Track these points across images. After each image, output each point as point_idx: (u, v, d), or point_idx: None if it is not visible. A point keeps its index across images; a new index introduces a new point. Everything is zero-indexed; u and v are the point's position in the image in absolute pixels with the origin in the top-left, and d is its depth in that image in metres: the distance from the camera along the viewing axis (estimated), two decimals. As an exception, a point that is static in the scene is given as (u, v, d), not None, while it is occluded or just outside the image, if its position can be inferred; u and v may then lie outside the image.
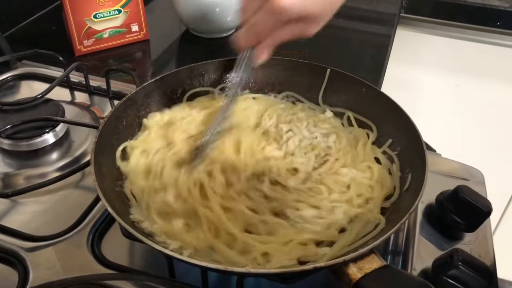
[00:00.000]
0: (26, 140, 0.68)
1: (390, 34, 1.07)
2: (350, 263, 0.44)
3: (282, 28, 0.53)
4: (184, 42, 1.03)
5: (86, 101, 0.81)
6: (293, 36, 0.54)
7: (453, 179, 0.67)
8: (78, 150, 0.70)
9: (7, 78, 0.83)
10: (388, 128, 0.63)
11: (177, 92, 0.67)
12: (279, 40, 0.54)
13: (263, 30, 0.53)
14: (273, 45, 0.56)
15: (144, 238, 0.45)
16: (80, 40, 0.92)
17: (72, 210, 0.60)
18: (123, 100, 0.61)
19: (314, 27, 0.53)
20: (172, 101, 0.67)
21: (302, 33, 0.53)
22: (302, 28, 0.53)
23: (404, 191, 0.55)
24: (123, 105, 0.61)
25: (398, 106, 0.62)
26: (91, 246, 0.57)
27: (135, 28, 0.97)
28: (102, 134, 0.56)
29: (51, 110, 0.72)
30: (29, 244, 0.56)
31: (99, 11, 0.91)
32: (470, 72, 1.35)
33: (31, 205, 0.62)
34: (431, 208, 0.63)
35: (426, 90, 1.38)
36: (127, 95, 0.62)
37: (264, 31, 0.53)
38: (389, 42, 1.04)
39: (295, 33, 0.53)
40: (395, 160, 0.60)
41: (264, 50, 0.56)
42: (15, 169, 0.67)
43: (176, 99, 0.68)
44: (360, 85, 0.66)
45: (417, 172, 0.54)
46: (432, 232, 0.60)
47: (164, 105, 0.67)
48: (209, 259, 0.49)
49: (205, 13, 0.95)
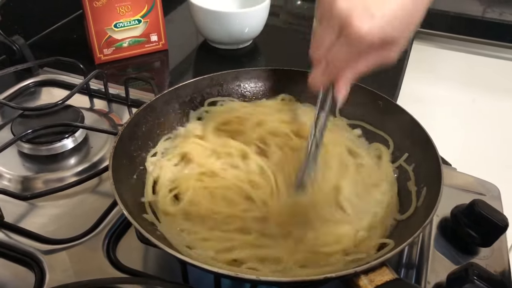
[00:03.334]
0: (46, 144, 0.69)
1: (406, 49, 1.07)
2: (362, 275, 0.44)
3: (362, 58, 0.47)
4: (201, 53, 1.04)
5: (105, 108, 0.83)
6: (375, 64, 0.48)
7: (468, 193, 0.67)
8: (96, 156, 0.71)
9: (29, 84, 0.85)
10: (404, 142, 0.63)
11: (196, 100, 0.68)
12: (359, 72, 0.49)
13: (343, 64, 0.48)
14: (354, 79, 0.50)
15: (159, 243, 0.46)
16: (100, 48, 0.94)
17: (89, 214, 0.61)
18: (143, 106, 0.62)
19: (394, 51, 0.47)
20: (191, 109, 0.68)
21: (384, 60, 0.48)
22: (383, 55, 0.47)
23: (419, 205, 0.55)
24: (143, 112, 0.62)
25: (415, 120, 0.62)
26: (106, 250, 0.57)
27: (154, 38, 0.99)
28: (121, 140, 0.57)
29: (71, 116, 0.74)
30: (46, 246, 0.57)
31: (119, 21, 0.93)
32: (486, 87, 1.34)
33: (49, 208, 0.63)
34: (446, 222, 0.62)
35: (442, 104, 1.37)
36: (146, 102, 0.63)
37: (344, 65, 0.48)
38: (405, 57, 1.04)
39: (377, 61, 0.48)
40: (411, 175, 0.60)
41: (345, 85, 0.50)
42: (34, 172, 0.68)
43: (194, 107, 0.69)
44: (377, 98, 0.66)
45: (432, 186, 0.54)
46: (446, 246, 0.60)
47: (182, 113, 0.68)
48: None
49: (223, 24, 0.97)
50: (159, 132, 0.65)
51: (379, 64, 0.48)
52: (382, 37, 0.44)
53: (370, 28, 0.43)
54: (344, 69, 0.48)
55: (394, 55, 0.48)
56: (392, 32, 0.45)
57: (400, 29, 0.45)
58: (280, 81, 0.71)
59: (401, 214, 0.56)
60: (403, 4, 0.44)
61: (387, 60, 0.48)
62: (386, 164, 0.62)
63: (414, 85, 1.26)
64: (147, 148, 0.63)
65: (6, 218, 0.61)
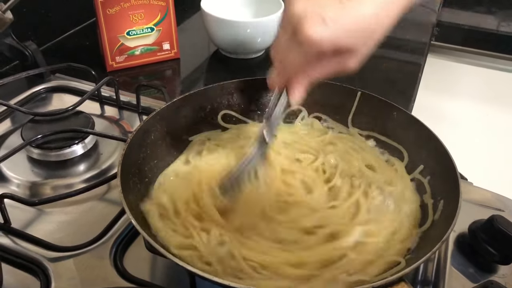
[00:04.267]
0: (56, 150, 0.69)
1: (420, 62, 1.05)
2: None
3: (317, 64, 0.48)
4: (214, 62, 1.04)
5: (116, 115, 0.82)
6: (330, 72, 0.49)
7: (486, 208, 0.65)
8: (105, 163, 0.70)
9: (40, 90, 0.85)
10: (420, 154, 0.61)
11: (206, 108, 0.67)
12: (314, 77, 0.49)
13: (293, 67, 0.48)
14: (308, 83, 0.50)
15: (167, 253, 0.45)
16: (113, 56, 0.94)
17: (97, 222, 0.60)
18: (152, 114, 0.61)
19: (352, 61, 0.47)
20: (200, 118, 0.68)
21: (340, 68, 0.48)
22: (338, 63, 0.47)
23: (435, 218, 0.54)
24: (152, 119, 0.61)
25: (431, 131, 0.60)
26: (113, 259, 0.56)
27: (166, 47, 0.99)
28: (130, 147, 0.56)
29: (81, 122, 0.73)
30: (52, 254, 0.56)
31: (132, 29, 0.93)
32: (501, 101, 1.33)
33: (56, 215, 0.62)
34: (463, 238, 0.60)
35: (456, 118, 1.36)
36: (156, 109, 0.62)
37: (294, 67, 0.49)
38: (419, 70, 1.03)
39: (332, 68, 0.48)
40: (426, 187, 0.58)
41: (296, 89, 0.51)
42: (43, 178, 0.67)
43: (204, 116, 0.68)
44: (392, 109, 0.65)
45: (450, 200, 0.52)
46: (464, 262, 0.58)
47: (192, 122, 0.67)
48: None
49: (236, 34, 0.96)
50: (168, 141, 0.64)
51: (337, 71, 0.48)
52: (335, 45, 0.44)
53: (321, 34, 0.43)
54: (298, 73, 0.49)
55: (352, 64, 0.47)
56: (347, 42, 0.44)
57: (357, 40, 0.45)
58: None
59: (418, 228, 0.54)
60: (366, 16, 0.44)
61: (344, 68, 0.48)
62: (403, 177, 0.61)
63: (427, 98, 1.24)
64: (155, 157, 0.62)
65: (13, 224, 0.60)
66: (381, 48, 0.46)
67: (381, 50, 1.12)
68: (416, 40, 1.14)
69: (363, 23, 0.44)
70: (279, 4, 0.99)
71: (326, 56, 0.46)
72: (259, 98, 0.70)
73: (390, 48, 1.10)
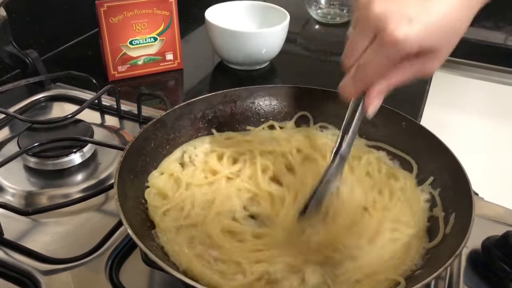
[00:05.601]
0: (53, 159, 0.67)
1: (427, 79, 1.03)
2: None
3: (398, 67, 0.44)
4: (217, 73, 1.03)
5: (116, 124, 0.81)
6: (412, 76, 0.45)
7: (499, 224, 0.62)
8: (104, 173, 0.68)
9: (40, 98, 0.84)
10: (429, 165, 0.59)
11: (208, 116, 0.66)
12: (395, 82, 0.45)
13: (375, 71, 0.44)
14: (388, 90, 0.46)
15: (164, 265, 0.42)
16: (115, 65, 0.93)
17: (93, 233, 0.58)
18: (152, 121, 0.59)
19: (436, 62, 0.44)
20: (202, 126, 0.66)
21: (422, 71, 0.44)
22: (421, 65, 0.44)
23: (447, 232, 0.51)
24: (153, 127, 0.59)
25: (441, 142, 0.58)
26: (109, 272, 0.54)
27: (169, 57, 0.98)
28: (129, 155, 0.54)
29: (80, 130, 0.71)
30: (45, 266, 0.54)
31: (135, 38, 0.92)
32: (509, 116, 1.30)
33: (51, 226, 0.60)
34: (476, 255, 0.57)
35: (463, 132, 1.34)
36: (157, 116, 0.60)
37: (376, 72, 0.44)
38: (427, 81, 1.00)
39: (414, 71, 0.44)
40: (437, 200, 0.56)
41: (376, 97, 0.46)
42: (39, 188, 0.65)
43: (206, 124, 0.66)
44: (400, 119, 0.63)
45: (462, 212, 0.50)
46: (477, 281, 0.55)
47: (193, 130, 0.65)
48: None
49: (240, 45, 0.95)
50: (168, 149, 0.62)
51: (417, 75, 0.45)
52: (421, 45, 0.41)
53: (407, 34, 0.40)
54: (378, 78, 0.45)
55: (434, 66, 0.44)
56: (433, 41, 0.41)
57: (442, 38, 0.42)
58: (296, 100, 0.69)
59: (428, 242, 0.52)
60: (449, 12, 0.41)
61: (426, 72, 0.45)
62: (413, 189, 0.58)
63: (434, 111, 1.22)
64: (155, 165, 0.60)
65: (6, 235, 0.57)
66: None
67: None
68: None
69: (447, 20, 0.41)
70: (284, 15, 0.98)
71: (410, 58, 0.43)
72: (263, 106, 0.68)
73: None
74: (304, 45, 1.20)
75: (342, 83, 0.47)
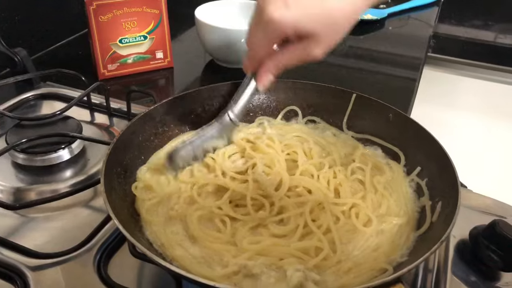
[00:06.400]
0: (41, 155, 0.67)
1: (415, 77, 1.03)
2: (375, 293, 0.40)
3: (283, 50, 0.51)
4: (208, 72, 1.03)
5: (106, 122, 0.80)
6: (296, 59, 0.51)
7: (487, 215, 0.62)
8: (93, 169, 0.68)
9: (29, 97, 0.83)
10: (416, 156, 0.60)
11: (197, 111, 0.66)
12: (281, 63, 0.52)
13: (259, 49, 0.51)
14: (276, 70, 0.53)
15: (150, 253, 0.42)
16: (104, 64, 0.92)
17: (81, 228, 0.58)
18: (140, 115, 0.59)
19: (317, 48, 0.49)
20: (191, 120, 0.66)
21: (305, 55, 0.50)
22: (303, 49, 0.49)
23: (434, 220, 0.51)
24: (140, 120, 0.59)
25: (428, 132, 0.59)
26: (97, 266, 0.54)
27: (159, 55, 0.98)
28: (116, 148, 0.54)
29: (69, 127, 0.71)
30: (33, 261, 0.54)
31: (125, 36, 0.92)
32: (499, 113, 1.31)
33: (40, 221, 0.60)
34: (464, 245, 0.57)
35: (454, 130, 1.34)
36: (145, 110, 0.61)
37: (260, 50, 0.51)
38: (415, 78, 1.01)
39: (297, 55, 0.50)
40: (424, 189, 0.56)
41: (264, 74, 0.54)
42: (27, 184, 0.65)
43: (195, 118, 0.66)
44: (387, 111, 0.63)
45: (449, 200, 0.50)
46: (465, 270, 0.55)
47: (182, 124, 0.65)
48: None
49: (230, 43, 0.95)
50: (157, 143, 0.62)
51: (302, 58, 0.50)
52: (296, 27, 0.46)
53: (282, 15, 0.46)
54: (264, 56, 0.52)
55: (317, 52, 0.49)
56: (308, 26, 0.47)
57: (319, 25, 0.47)
58: (285, 93, 0.69)
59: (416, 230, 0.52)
60: (326, 4, 0.46)
61: (309, 56, 0.49)
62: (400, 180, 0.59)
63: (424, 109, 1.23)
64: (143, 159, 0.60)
65: (-6, 230, 0.57)
66: (375, 63, 0.47)
67: (375, 65, 1.10)
68: (411, 55, 1.12)
69: (326, 10, 0.46)
70: (273, 13, 0.98)
71: (293, 43, 0.49)
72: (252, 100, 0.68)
73: (384, 63, 1.07)
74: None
75: (243, 61, 0.56)
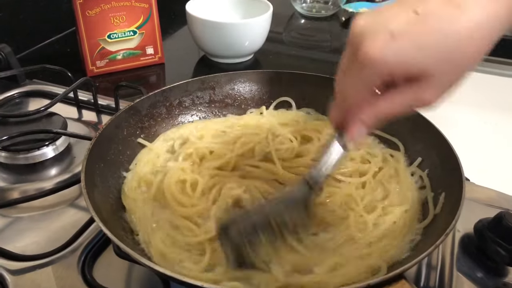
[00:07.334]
0: (24, 152, 0.64)
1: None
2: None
3: (385, 94, 0.37)
4: (200, 67, 1.00)
5: (94, 119, 0.78)
6: (404, 106, 0.37)
7: (491, 208, 0.59)
8: (79, 166, 0.64)
9: (13, 94, 0.81)
10: (416, 146, 0.57)
11: (185, 103, 0.63)
12: (382, 113, 0.37)
13: (352, 97, 0.37)
14: (373, 121, 0.38)
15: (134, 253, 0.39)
16: (93, 60, 0.90)
17: (66, 229, 0.55)
18: (125, 108, 0.57)
19: (430, 92, 0.35)
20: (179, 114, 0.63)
21: (414, 101, 0.36)
22: (413, 94, 0.36)
23: (437, 212, 0.48)
24: (125, 114, 0.57)
25: (428, 121, 0.56)
26: (81, 268, 0.51)
27: (150, 51, 0.95)
28: (98, 142, 0.51)
29: (53, 123, 0.68)
30: (13, 264, 0.51)
31: (113, 32, 0.89)
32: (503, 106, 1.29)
33: (22, 222, 0.57)
34: (469, 239, 0.55)
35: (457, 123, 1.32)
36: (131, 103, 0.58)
37: (354, 98, 0.37)
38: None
39: (405, 101, 0.36)
40: (425, 180, 0.53)
41: (355, 127, 0.39)
42: (10, 183, 0.62)
43: (184, 112, 0.63)
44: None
45: (452, 191, 0.48)
46: (471, 266, 0.52)
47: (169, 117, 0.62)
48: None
49: (222, 36, 0.92)
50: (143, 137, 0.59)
51: (411, 106, 0.37)
52: (403, 66, 0.34)
53: (384, 52, 0.33)
54: (360, 107, 0.38)
55: (429, 96, 0.35)
56: (419, 62, 0.34)
57: (434, 61, 0.34)
58: (277, 85, 0.67)
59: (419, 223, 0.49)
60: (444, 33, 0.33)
61: (419, 102, 0.36)
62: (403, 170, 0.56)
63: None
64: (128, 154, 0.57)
65: (-27, 232, 0.54)
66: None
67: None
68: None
69: (444, 40, 0.33)
70: (267, 6, 0.96)
71: (397, 85, 0.36)
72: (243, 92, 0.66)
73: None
74: (289, 39, 1.18)
75: (330, 110, 0.42)
